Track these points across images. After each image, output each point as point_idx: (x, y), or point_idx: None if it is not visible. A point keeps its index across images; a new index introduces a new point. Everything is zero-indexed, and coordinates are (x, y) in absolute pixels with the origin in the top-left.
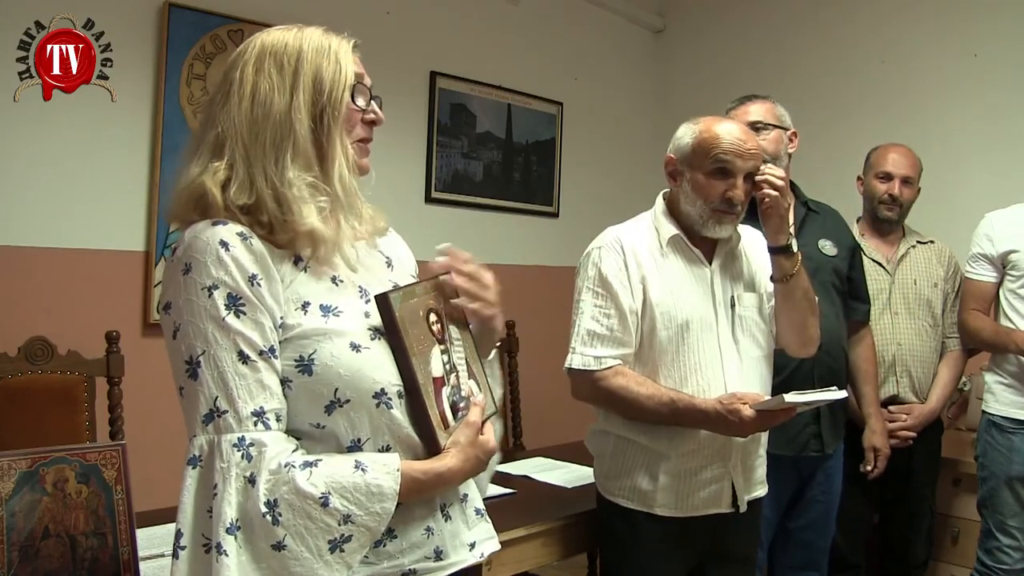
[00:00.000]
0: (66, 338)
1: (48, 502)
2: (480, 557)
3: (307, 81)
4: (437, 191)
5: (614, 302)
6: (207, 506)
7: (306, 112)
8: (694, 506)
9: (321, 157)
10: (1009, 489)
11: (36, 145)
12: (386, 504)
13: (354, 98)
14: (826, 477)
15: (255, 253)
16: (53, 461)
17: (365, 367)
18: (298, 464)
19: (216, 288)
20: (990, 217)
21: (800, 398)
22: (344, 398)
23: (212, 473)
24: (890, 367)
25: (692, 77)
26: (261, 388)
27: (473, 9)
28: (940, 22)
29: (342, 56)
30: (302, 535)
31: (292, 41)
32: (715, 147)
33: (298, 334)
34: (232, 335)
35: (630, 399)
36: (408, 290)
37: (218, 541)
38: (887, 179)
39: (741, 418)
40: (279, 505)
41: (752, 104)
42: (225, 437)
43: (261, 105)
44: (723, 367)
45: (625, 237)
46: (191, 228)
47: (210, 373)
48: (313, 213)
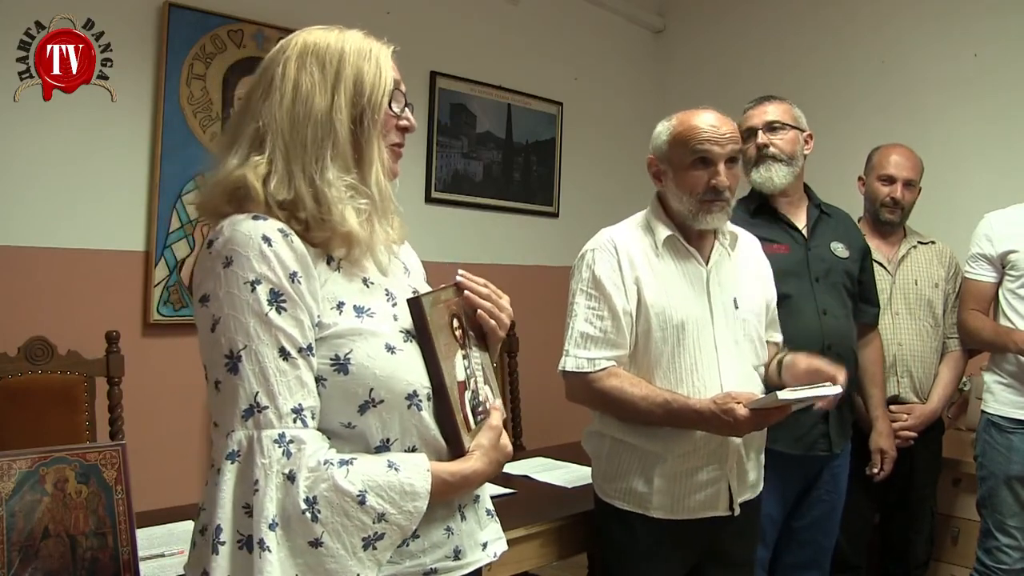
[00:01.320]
0: (66, 338)
1: (48, 502)
2: (493, 556)
3: (348, 83)
4: (437, 191)
5: (607, 303)
6: (243, 502)
7: (346, 113)
8: (690, 509)
9: (359, 159)
10: (1008, 489)
11: (36, 145)
12: (418, 503)
13: (391, 104)
14: (832, 477)
15: (296, 250)
16: (53, 461)
17: (400, 369)
18: (336, 462)
19: (259, 283)
20: (989, 217)
21: (794, 395)
22: (378, 398)
23: (252, 469)
24: (891, 367)
25: (692, 77)
26: (300, 385)
27: (473, 9)
28: (940, 22)
29: (383, 61)
30: (338, 532)
31: (334, 42)
32: (691, 138)
33: (334, 333)
34: (274, 331)
35: (624, 400)
36: (436, 295)
37: (260, 537)
38: (889, 182)
39: (736, 417)
40: (318, 502)
41: (770, 104)
42: (265, 433)
43: (303, 103)
44: (719, 368)
45: (619, 238)
46: (230, 221)
47: (251, 368)
48: (352, 215)
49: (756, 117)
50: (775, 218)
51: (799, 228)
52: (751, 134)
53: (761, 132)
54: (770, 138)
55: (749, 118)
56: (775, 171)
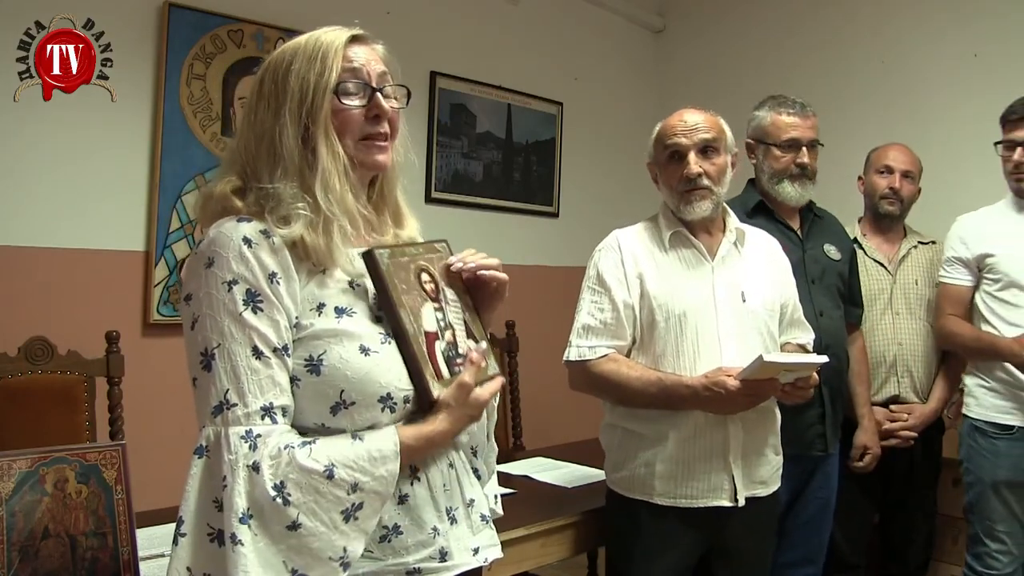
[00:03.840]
0: (66, 338)
1: (48, 502)
2: (484, 562)
3: (294, 92)
4: (437, 191)
5: (609, 296)
6: (212, 496)
7: (292, 123)
8: (692, 495)
9: (313, 166)
10: (996, 494)
11: (36, 145)
12: (390, 466)
13: (342, 97)
14: (824, 475)
15: (276, 251)
16: (53, 461)
17: (374, 371)
18: (297, 444)
19: (236, 283)
20: (961, 220)
21: (779, 359)
22: (350, 400)
23: (220, 464)
24: (891, 367)
25: (692, 77)
26: (272, 384)
27: (473, 9)
28: (940, 22)
29: (329, 56)
30: (314, 511)
31: (290, 51)
32: (664, 135)
33: (310, 334)
34: (248, 330)
35: (620, 381)
36: (399, 249)
37: (232, 532)
38: (888, 173)
39: (727, 388)
40: (287, 486)
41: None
42: (233, 429)
43: (259, 123)
44: (722, 360)
45: (624, 238)
46: (216, 223)
47: (223, 366)
48: (299, 224)
49: (801, 130)
50: (772, 219)
51: (795, 229)
52: (793, 145)
53: (806, 150)
54: (813, 157)
55: (793, 127)
56: (807, 190)
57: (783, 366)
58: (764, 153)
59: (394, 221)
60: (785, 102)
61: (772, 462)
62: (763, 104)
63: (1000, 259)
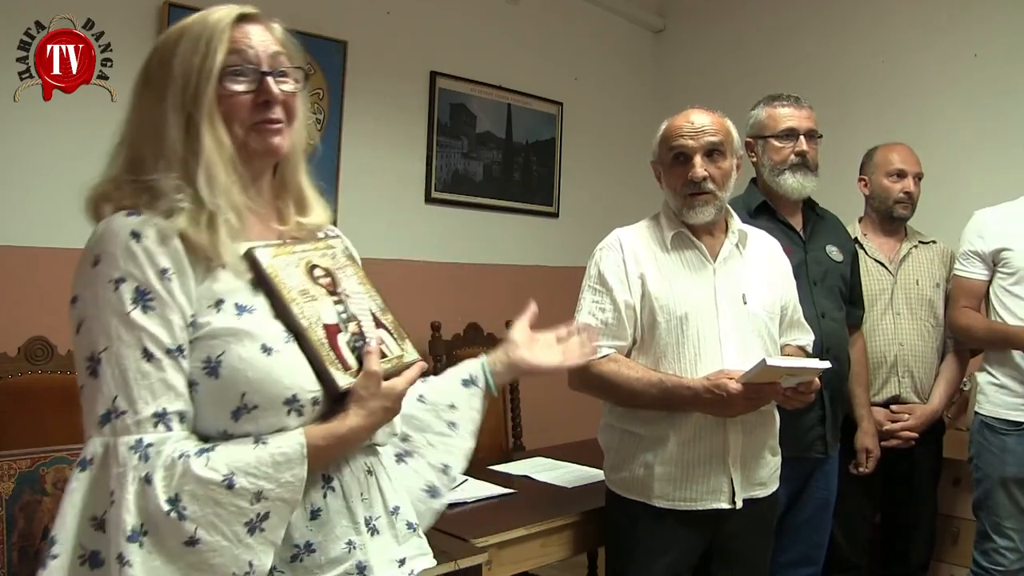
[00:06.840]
0: (66, 338)
1: (48, 502)
2: (410, 574)
3: (176, 77)
4: (437, 191)
5: (610, 296)
6: (92, 514)
7: (175, 111)
8: (691, 498)
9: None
10: (1004, 490)
11: (36, 145)
12: (296, 470)
13: (227, 82)
14: (824, 475)
15: (168, 245)
16: (53, 461)
17: (275, 371)
18: (193, 452)
19: (123, 281)
20: (980, 215)
21: (782, 363)
22: (252, 404)
23: (107, 479)
24: (892, 367)
25: (692, 77)
26: (165, 388)
27: (473, 9)
28: (940, 22)
29: (214, 39)
30: (214, 524)
31: (175, 33)
32: (669, 136)
33: (207, 333)
34: (137, 331)
35: (620, 382)
36: (283, 248)
37: (119, 552)
38: (900, 177)
39: (728, 391)
40: (181, 499)
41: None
42: (122, 440)
43: (144, 111)
44: (723, 361)
45: (625, 237)
46: (105, 219)
47: (111, 371)
48: (182, 218)
49: (798, 120)
50: (774, 219)
51: (797, 230)
52: (790, 135)
53: (804, 139)
54: (812, 147)
55: (789, 117)
56: (809, 181)
57: (785, 370)
58: (764, 147)
59: (298, 209)
60: (779, 96)
61: (770, 463)
62: (758, 103)
63: (1017, 253)
